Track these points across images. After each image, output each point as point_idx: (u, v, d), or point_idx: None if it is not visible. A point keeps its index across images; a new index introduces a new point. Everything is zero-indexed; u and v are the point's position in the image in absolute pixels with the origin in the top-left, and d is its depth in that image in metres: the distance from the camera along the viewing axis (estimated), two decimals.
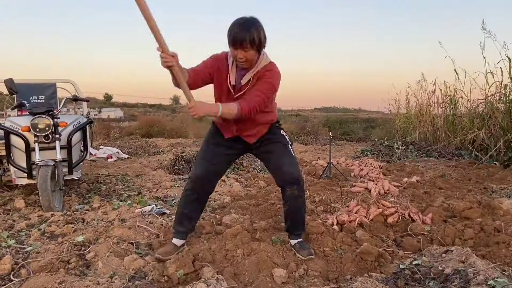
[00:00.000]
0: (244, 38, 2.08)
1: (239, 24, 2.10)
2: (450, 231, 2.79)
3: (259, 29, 2.12)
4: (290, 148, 2.54)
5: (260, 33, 2.13)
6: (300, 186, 2.47)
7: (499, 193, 4.26)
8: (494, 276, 1.93)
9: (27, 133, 3.78)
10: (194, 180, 2.53)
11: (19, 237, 2.90)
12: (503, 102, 6.74)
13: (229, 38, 2.13)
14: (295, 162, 2.51)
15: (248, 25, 2.10)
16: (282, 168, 2.45)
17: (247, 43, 2.10)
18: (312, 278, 2.17)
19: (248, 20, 2.12)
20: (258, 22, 2.15)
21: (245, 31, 2.08)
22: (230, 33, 2.12)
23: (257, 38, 2.11)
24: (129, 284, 2.09)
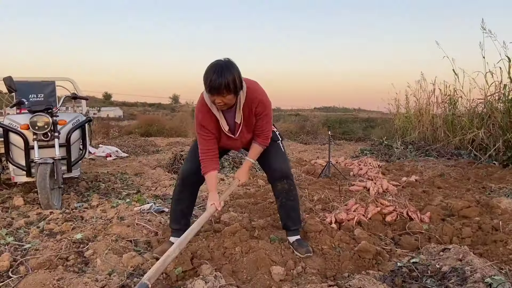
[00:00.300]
0: (220, 85, 2.08)
1: (214, 71, 2.09)
2: (448, 229, 2.80)
3: (234, 73, 2.11)
4: (280, 144, 2.63)
5: (235, 77, 2.12)
6: (289, 180, 2.54)
7: (497, 192, 4.26)
8: (491, 274, 1.94)
9: (26, 131, 3.78)
10: (182, 176, 2.59)
11: (18, 234, 2.91)
12: (502, 101, 6.74)
13: (206, 85, 2.14)
14: (284, 158, 2.61)
15: (223, 71, 2.08)
16: (271, 164, 2.55)
17: (223, 90, 2.11)
18: (310, 275, 2.18)
19: (223, 66, 2.11)
20: (233, 65, 2.15)
21: (221, 77, 2.07)
22: (206, 80, 2.12)
23: (233, 84, 2.11)
24: (127, 281, 2.09)
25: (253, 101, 2.32)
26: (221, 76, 2.07)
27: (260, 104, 2.34)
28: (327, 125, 6.65)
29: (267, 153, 2.57)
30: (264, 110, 2.37)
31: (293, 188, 2.58)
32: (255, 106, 2.33)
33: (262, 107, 2.36)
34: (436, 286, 1.96)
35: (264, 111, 2.37)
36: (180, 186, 2.61)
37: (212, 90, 2.12)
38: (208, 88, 2.13)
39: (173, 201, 2.67)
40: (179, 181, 2.62)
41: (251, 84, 2.34)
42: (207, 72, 2.11)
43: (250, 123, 2.42)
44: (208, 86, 2.11)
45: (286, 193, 2.54)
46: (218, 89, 2.10)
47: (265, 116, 2.40)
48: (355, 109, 44.44)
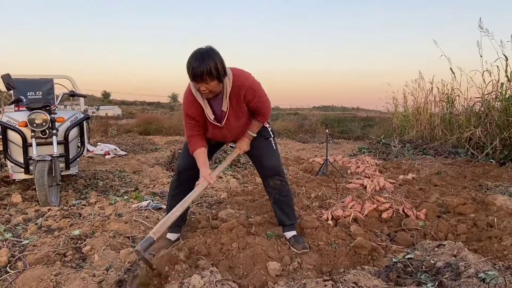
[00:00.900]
0: (203, 71, 2.09)
1: (195, 58, 2.10)
2: (443, 226, 2.83)
3: (215, 59, 2.12)
4: (272, 141, 2.63)
5: (217, 63, 2.12)
6: (281, 176, 2.57)
7: (494, 190, 4.29)
8: (485, 269, 1.96)
9: (24, 128, 3.79)
10: (178, 171, 2.62)
11: (16, 231, 2.92)
12: (499, 100, 6.77)
13: (189, 73, 2.15)
14: (276, 155, 2.62)
15: (204, 58, 2.09)
16: (262, 162, 2.58)
17: (206, 76, 2.11)
18: (305, 271, 2.20)
19: (204, 53, 2.11)
20: (214, 52, 2.15)
21: (203, 64, 2.08)
22: (188, 67, 2.13)
23: (215, 70, 2.11)
24: (124, 276, 2.11)
25: (241, 88, 2.30)
26: (203, 63, 2.08)
27: (248, 90, 2.32)
28: (325, 124, 6.67)
29: (258, 150, 2.60)
30: (254, 94, 2.35)
31: (285, 184, 2.60)
32: (244, 93, 2.32)
33: (252, 92, 2.34)
34: (430, 281, 1.98)
35: (255, 96, 2.36)
36: (176, 181, 2.63)
37: (195, 77, 2.13)
38: (192, 76, 2.14)
39: (169, 197, 2.69)
40: (175, 176, 2.64)
41: (237, 71, 2.33)
42: (189, 60, 2.12)
43: (239, 111, 2.40)
44: (191, 74, 2.13)
45: (278, 189, 2.57)
46: (201, 75, 2.11)
47: (259, 99, 2.39)
48: (354, 108, 44.47)
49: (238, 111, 2.40)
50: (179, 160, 2.67)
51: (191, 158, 2.51)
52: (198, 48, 2.15)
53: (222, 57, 2.18)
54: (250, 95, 2.34)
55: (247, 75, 2.36)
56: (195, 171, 2.54)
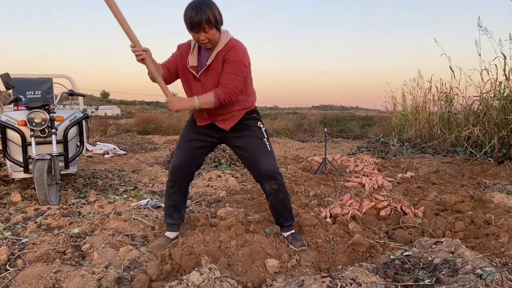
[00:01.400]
0: (201, 20, 2.09)
1: (192, 8, 2.11)
2: (441, 223, 2.84)
3: (212, 7, 2.14)
4: (266, 142, 2.49)
5: (215, 11, 2.14)
6: (277, 180, 2.45)
7: (492, 188, 4.30)
8: (482, 266, 1.97)
9: (24, 128, 3.80)
10: (172, 170, 2.59)
11: (15, 229, 2.93)
12: (497, 99, 6.78)
13: (187, 24, 2.15)
14: (271, 157, 2.47)
15: (201, 6, 2.10)
16: (257, 165, 2.43)
17: (205, 24, 2.12)
18: (304, 268, 2.21)
19: (200, 3, 2.12)
20: (211, 1, 2.16)
21: (201, 13, 2.09)
22: (186, 18, 2.13)
23: (213, 17, 2.13)
24: (124, 274, 2.12)
25: (227, 47, 2.26)
26: (200, 11, 2.09)
27: (231, 50, 2.25)
28: (324, 123, 6.67)
29: (253, 152, 2.44)
30: (233, 57, 2.24)
31: (282, 187, 2.49)
32: (227, 51, 2.26)
33: (233, 53, 2.25)
34: (427, 277, 1.99)
35: (233, 57, 2.25)
36: (170, 181, 2.62)
37: (194, 26, 2.13)
38: (190, 25, 2.14)
39: (165, 196, 2.69)
40: (169, 176, 2.62)
41: (236, 40, 2.31)
42: (187, 10, 2.12)
43: (219, 72, 2.30)
44: (189, 23, 2.13)
45: (275, 192, 2.48)
46: (199, 24, 2.11)
47: (232, 65, 2.25)
48: (353, 107, 44.54)
49: (218, 72, 2.30)
50: (173, 159, 2.62)
51: (184, 155, 2.51)
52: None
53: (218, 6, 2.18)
54: (231, 55, 2.25)
55: (242, 44, 2.32)
56: (187, 169, 2.55)
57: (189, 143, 2.55)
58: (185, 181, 2.64)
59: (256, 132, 2.49)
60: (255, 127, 2.50)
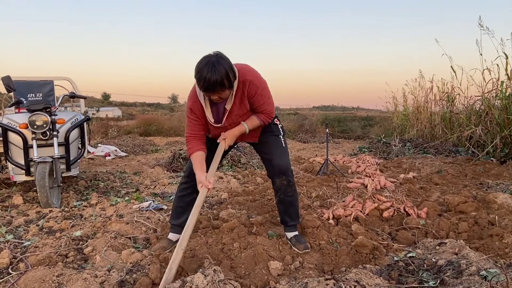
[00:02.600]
0: (216, 83, 2.04)
1: (207, 69, 2.02)
2: (444, 224, 2.83)
3: (226, 68, 2.06)
4: (282, 139, 2.57)
5: (228, 72, 2.07)
6: (288, 176, 2.51)
7: (495, 188, 4.28)
8: (487, 267, 1.96)
9: (25, 130, 3.79)
10: (188, 173, 2.57)
11: (17, 232, 2.92)
12: (499, 98, 6.76)
13: (200, 84, 2.08)
14: (285, 153, 2.55)
15: (216, 68, 2.02)
16: (271, 160, 2.50)
17: (219, 87, 2.08)
18: (307, 270, 2.20)
19: (214, 62, 2.04)
20: (224, 59, 2.09)
21: (214, 75, 2.02)
22: (200, 80, 2.05)
23: (227, 80, 2.07)
24: (126, 277, 2.11)
25: (244, 83, 2.24)
26: (214, 74, 2.01)
27: (250, 85, 2.25)
28: (325, 123, 6.66)
29: (268, 147, 2.54)
30: (256, 90, 2.28)
31: (292, 184, 2.55)
32: (246, 88, 2.25)
33: (253, 88, 2.27)
34: (432, 279, 1.98)
35: (256, 91, 2.28)
36: (184, 183, 2.61)
37: (208, 90, 2.10)
38: (203, 88, 2.10)
39: (176, 197, 2.68)
40: (184, 178, 2.61)
41: (242, 67, 2.26)
42: (199, 71, 2.04)
43: (242, 109, 2.34)
44: (203, 87, 2.08)
45: (284, 189, 2.52)
46: (213, 88, 2.07)
47: (260, 96, 2.31)
48: (354, 107, 44.53)
49: (241, 109, 2.34)
50: (189, 163, 2.60)
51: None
52: (207, 57, 2.07)
53: (230, 61, 2.12)
54: (252, 90, 2.27)
55: (251, 70, 2.30)
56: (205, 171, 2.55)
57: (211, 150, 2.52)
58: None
59: (273, 129, 2.57)
60: (272, 124, 2.58)
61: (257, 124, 2.41)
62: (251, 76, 2.27)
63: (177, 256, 1.99)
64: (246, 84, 2.25)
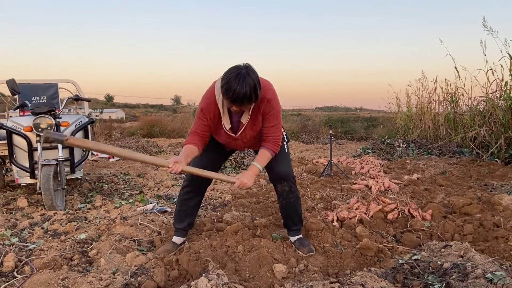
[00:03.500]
0: (244, 96, 2.01)
1: (237, 82, 1.99)
2: (449, 226, 2.81)
3: (255, 82, 2.03)
4: (284, 145, 2.55)
5: (257, 87, 2.05)
6: (290, 182, 2.50)
7: (499, 189, 4.27)
8: (492, 270, 1.95)
9: (29, 133, 3.82)
10: (190, 177, 2.57)
11: (22, 235, 2.93)
12: (503, 99, 6.73)
13: (228, 95, 2.03)
14: (287, 159, 2.55)
15: (246, 81, 1.99)
16: (273, 166, 2.48)
17: (246, 101, 2.06)
18: (312, 273, 2.20)
19: (244, 75, 2.00)
20: (253, 73, 2.05)
21: (245, 88, 1.99)
22: (229, 90, 2.01)
23: (254, 94, 2.05)
24: (131, 280, 2.11)
25: (262, 100, 2.23)
26: (244, 87, 1.98)
27: (267, 103, 2.25)
28: (328, 124, 6.66)
29: None
30: (270, 109, 2.28)
31: (294, 189, 2.54)
32: (263, 105, 2.25)
33: (269, 106, 2.27)
34: (437, 282, 1.97)
35: (270, 110, 2.28)
36: (187, 186, 2.60)
37: (234, 101, 2.05)
38: (231, 99, 2.05)
39: (178, 200, 2.67)
40: (187, 182, 2.60)
41: (264, 85, 2.22)
42: (229, 82, 2.00)
43: (257, 123, 2.34)
44: (230, 98, 2.04)
45: (286, 194, 2.51)
46: (241, 101, 2.04)
47: (272, 117, 2.30)
48: (357, 108, 44.48)
49: (255, 125, 2.34)
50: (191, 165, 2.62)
51: (202, 163, 2.46)
52: (237, 68, 2.04)
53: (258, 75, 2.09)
54: (268, 108, 2.27)
55: (272, 89, 2.29)
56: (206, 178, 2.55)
57: (211, 151, 2.52)
58: (203, 187, 2.66)
59: None
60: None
61: (269, 157, 2.37)
62: (271, 95, 2.27)
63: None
64: (264, 101, 2.24)
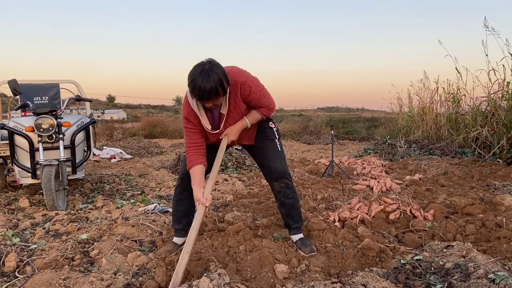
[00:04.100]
0: (210, 91, 2.01)
1: (201, 78, 1.99)
2: (451, 227, 2.81)
3: (220, 75, 2.03)
4: (277, 142, 2.57)
5: (222, 79, 2.04)
6: (286, 179, 2.51)
7: (501, 190, 4.26)
8: (495, 270, 1.94)
9: (31, 133, 3.82)
10: (182, 177, 2.58)
11: (24, 235, 2.94)
12: (505, 99, 6.72)
13: (194, 93, 2.05)
14: (282, 157, 2.56)
15: (210, 76, 2.00)
16: (268, 164, 2.51)
17: (214, 95, 2.06)
18: (313, 273, 2.19)
19: (208, 70, 2.01)
20: (217, 66, 2.06)
21: (210, 82, 1.99)
22: (194, 88, 2.02)
23: (221, 88, 2.05)
24: (132, 280, 2.11)
25: (235, 86, 2.22)
26: (209, 82, 1.99)
27: (242, 87, 2.24)
28: (330, 124, 6.65)
29: (264, 152, 2.54)
30: (250, 89, 2.27)
31: (291, 186, 2.55)
32: (239, 91, 2.24)
33: (247, 88, 2.26)
34: (439, 282, 1.97)
35: (250, 90, 2.27)
36: (179, 187, 2.61)
37: (202, 98, 2.07)
38: (198, 97, 2.07)
39: (174, 202, 2.68)
40: (179, 181, 2.61)
41: (231, 70, 2.21)
42: (194, 80, 2.01)
43: (237, 112, 2.34)
44: (197, 95, 2.06)
45: (284, 192, 2.52)
46: (208, 96, 2.05)
47: (255, 94, 2.29)
48: (359, 108, 44.46)
49: (237, 112, 2.34)
50: (183, 166, 2.61)
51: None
52: (200, 65, 2.05)
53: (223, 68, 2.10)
54: (245, 90, 2.26)
55: (240, 71, 2.29)
56: None
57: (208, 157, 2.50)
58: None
59: (268, 133, 2.56)
60: (267, 128, 2.58)
61: (258, 117, 2.41)
62: (242, 78, 2.25)
63: (183, 260, 1.99)
64: (238, 86, 2.24)
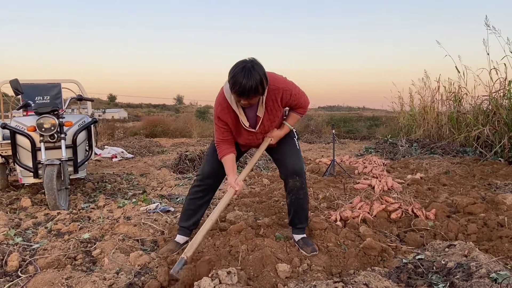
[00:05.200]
0: (251, 89, 2.05)
1: (243, 75, 2.04)
2: (453, 226, 2.81)
3: (261, 75, 2.08)
4: (296, 142, 2.63)
5: (263, 79, 2.09)
6: (302, 178, 2.53)
7: (503, 189, 4.25)
8: (497, 269, 1.94)
9: (33, 133, 3.82)
10: (202, 177, 2.60)
11: (26, 235, 2.94)
12: (507, 98, 6.71)
13: (235, 89, 2.09)
14: (299, 155, 2.59)
15: (252, 74, 2.04)
16: (285, 161, 2.54)
17: (253, 93, 2.10)
18: (315, 272, 2.19)
19: (250, 68, 2.06)
20: (259, 66, 2.11)
21: (250, 81, 2.04)
22: (235, 84, 2.07)
23: (261, 87, 2.10)
24: (135, 280, 2.12)
25: (276, 92, 2.31)
26: (250, 80, 2.03)
27: (284, 92, 2.33)
28: (331, 123, 6.64)
29: (282, 149, 2.58)
30: (290, 94, 2.36)
31: (304, 186, 2.57)
32: (280, 96, 2.33)
33: (287, 93, 2.34)
34: (441, 282, 1.97)
35: (291, 95, 2.36)
36: (197, 186, 2.63)
37: (242, 94, 2.10)
38: (238, 92, 2.10)
39: (186, 199, 2.69)
40: (197, 181, 2.63)
41: (271, 75, 2.28)
42: (235, 76, 2.06)
43: (274, 115, 2.41)
44: (237, 91, 2.09)
45: (297, 190, 2.53)
46: (248, 93, 2.08)
47: (295, 96, 2.39)
48: (360, 107, 44.41)
49: (273, 115, 2.41)
50: (204, 166, 2.64)
51: (216, 163, 2.51)
52: (242, 62, 2.10)
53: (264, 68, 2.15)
54: (286, 96, 2.35)
55: (279, 78, 2.36)
56: (218, 178, 2.59)
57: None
58: (213, 189, 2.69)
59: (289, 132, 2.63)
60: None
61: (297, 118, 2.58)
62: (282, 84, 2.34)
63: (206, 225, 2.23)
64: (280, 92, 2.32)
